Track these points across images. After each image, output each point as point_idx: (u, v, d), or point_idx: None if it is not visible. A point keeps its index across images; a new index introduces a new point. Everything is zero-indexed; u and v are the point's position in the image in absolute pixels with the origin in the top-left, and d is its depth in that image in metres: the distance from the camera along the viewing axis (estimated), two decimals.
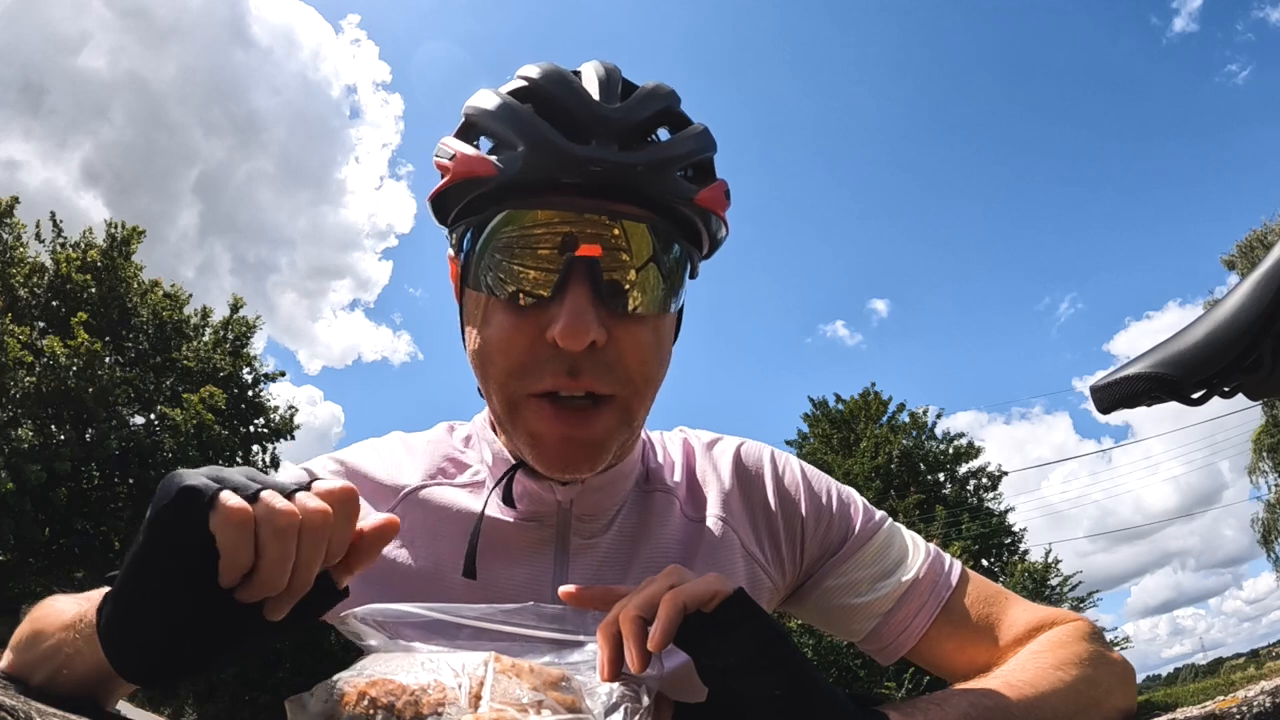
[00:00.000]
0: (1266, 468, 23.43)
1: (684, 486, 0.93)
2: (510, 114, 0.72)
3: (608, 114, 0.72)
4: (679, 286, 0.77)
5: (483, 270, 0.74)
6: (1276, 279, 0.68)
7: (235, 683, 15.19)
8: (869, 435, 24.50)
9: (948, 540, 18.85)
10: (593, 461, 0.77)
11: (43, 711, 0.58)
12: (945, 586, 0.89)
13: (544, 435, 0.75)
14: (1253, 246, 21.83)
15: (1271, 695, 0.63)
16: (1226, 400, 0.73)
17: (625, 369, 0.74)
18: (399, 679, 0.54)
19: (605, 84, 0.75)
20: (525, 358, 0.73)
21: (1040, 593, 17.85)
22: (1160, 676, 62.73)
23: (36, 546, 13.36)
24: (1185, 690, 28.27)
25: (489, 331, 0.74)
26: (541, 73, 0.74)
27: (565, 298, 0.70)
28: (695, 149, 0.76)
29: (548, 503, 0.85)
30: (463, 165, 0.73)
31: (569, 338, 0.69)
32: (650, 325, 0.75)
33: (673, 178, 0.74)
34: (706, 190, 0.76)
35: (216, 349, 16.50)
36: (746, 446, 0.98)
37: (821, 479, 0.97)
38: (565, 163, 0.70)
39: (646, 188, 0.72)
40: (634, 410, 0.77)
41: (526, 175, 0.70)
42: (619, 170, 0.70)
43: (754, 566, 0.91)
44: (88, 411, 14.00)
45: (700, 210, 0.76)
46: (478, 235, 0.74)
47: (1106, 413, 0.75)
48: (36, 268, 14.70)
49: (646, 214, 0.73)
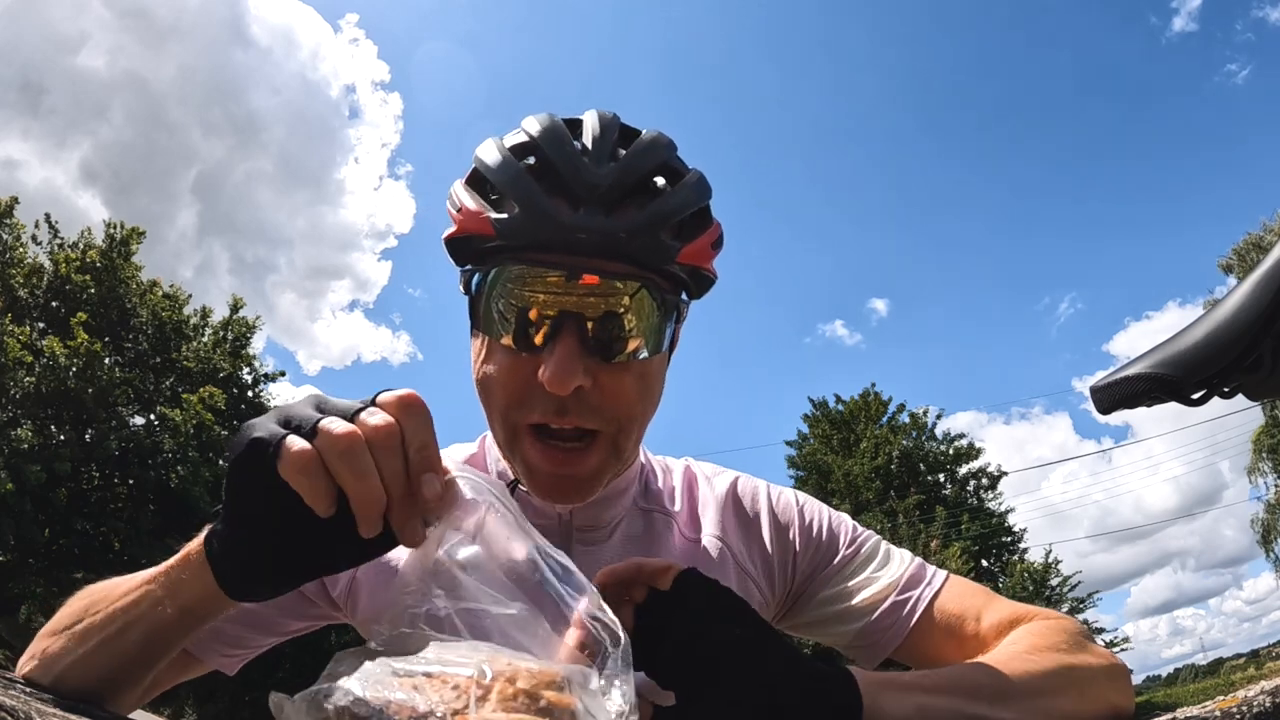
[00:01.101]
0: (1266, 468, 23.45)
1: (684, 512, 1.00)
2: (509, 174, 0.79)
3: (597, 180, 0.77)
4: (661, 335, 0.83)
5: (485, 315, 0.81)
6: (1276, 279, 0.68)
7: (235, 682, 15.18)
8: (869, 436, 24.51)
9: (948, 540, 18.86)
10: (583, 494, 0.85)
11: (43, 711, 0.58)
12: (929, 586, 0.93)
13: (537, 470, 0.83)
14: (1249, 250, 21.84)
15: (1271, 695, 0.63)
16: (1226, 400, 0.73)
17: (611, 410, 0.80)
18: (388, 695, 0.50)
19: (600, 141, 0.80)
20: (520, 393, 0.80)
21: (1040, 593, 17.85)
22: (1160, 677, 62.80)
23: (36, 547, 13.36)
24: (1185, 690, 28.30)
25: (490, 366, 0.82)
26: (540, 129, 0.80)
27: (555, 347, 0.77)
28: (683, 204, 0.80)
29: (549, 515, 0.92)
30: (467, 220, 0.80)
31: (555, 384, 0.76)
32: (634, 370, 0.81)
33: (657, 240, 0.78)
34: (690, 246, 0.80)
35: (216, 349, 16.50)
36: (744, 478, 1.05)
37: (814, 505, 1.03)
38: (555, 229, 0.76)
39: (631, 252, 0.77)
40: (621, 445, 0.84)
41: (520, 237, 0.77)
42: (604, 237, 0.76)
43: (746, 580, 0.97)
44: (87, 412, 14.00)
45: (685, 267, 0.81)
46: (481, 283, 0.81)
47: (1106, 413, 0.75)
48: (36, 268, 14.71)
49: (630, 270, 0.78)
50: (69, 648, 0.74)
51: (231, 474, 0.59)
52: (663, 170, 0.82)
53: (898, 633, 0.91)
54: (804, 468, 25.70)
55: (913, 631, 0.91)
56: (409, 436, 0.59)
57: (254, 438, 0.58)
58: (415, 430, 0.59)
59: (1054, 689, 0.76)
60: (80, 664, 0.73)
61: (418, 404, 0.60)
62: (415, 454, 0.59)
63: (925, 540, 17.37)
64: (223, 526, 0.64)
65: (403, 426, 0.59)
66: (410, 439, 0.59)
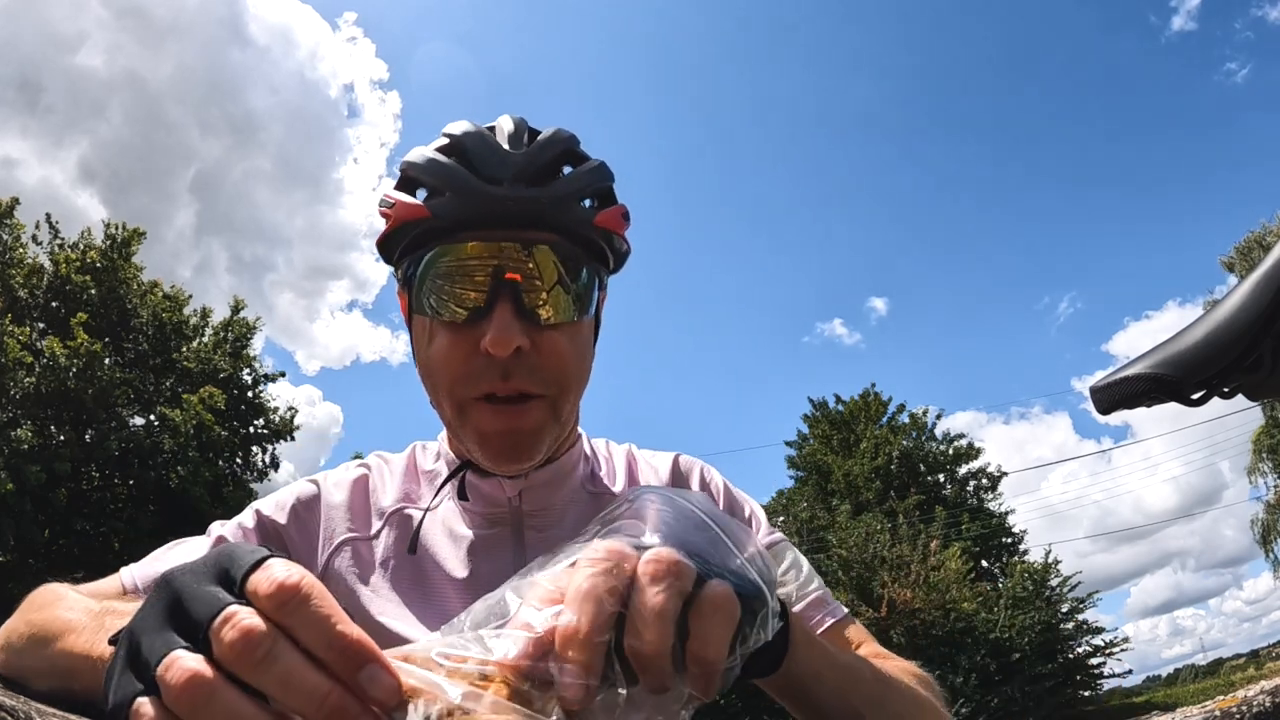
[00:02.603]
0: (1266, 468, 23.47)
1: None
2: (438, 166, 0.87)
3: (516, 160, 0.86)
4: (589, 299, 0.91)
5: (425, 296, 0.87)
6: (1276, 279, 0.68)
7: None
8: (869, 436, 24.52)
9: (947, 541, 18.84)
10: (530, 452, 0.90)
11: (42, 711, 0.58)
12: (833, 613, 1.00)
13: (486, 431, 0.88)
14: (1251, 248, 21.86)
15: (1271, 695, 0.63)
16: (1226, 401, 0.73)
17: (548, 371, 0.87)
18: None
19: (514, 135, 0.89)
20: (465, 367, 0.86)
21: (1040, 593, 17.81)
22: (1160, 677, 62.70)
23: (36, 547, 13.38)
24: (1185, 690, 28.28)
25: (434, 348, 0.88)
26: (462, 131, 0.89)
27: (493, 314, 0.83)
28: (592, 181, 0.90)
29: (499, 501, 0.97)
30: (402, 211, 0.87)
31: (497, 345, 0.82)
32: (566, 334, 0.88)
33: (574, 206, 0.87)
34: (604, 213, 0.89)
35: (216, 350, 16.52)
36: (683, 457, 1.12)
37: (739, 492, 1.11)
38: (484, 202, 0.84)
39: (552, 216, 0.86)
40: (560, 407, 0.90)
41: (453, 215, 0.85)
42: (529, 203, 0.84)
43: None
44: (87, 412, 14.02)
45: (601, 231, 0.89)
46: (419, 268, 0.87)
47: (1106, 413, 0.75)
48: (36, 268, 14.72)
49: (555, 238, 0.86)
50: (24, 674, 0.73)
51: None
52: (570, 155, 0.90)
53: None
54: (804, 468, 25.74)
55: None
56: (301, 637, 0.43)
57: (112, 706, 0.44)
58: (305, 625, 0.43)
59: (924, 703, 0.84)
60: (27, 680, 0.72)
61: (296, 590, 0.44)
62: (325, 654, 0.43)
63: (925, 540, 17.33)
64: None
65: (284, 627, 0.43)
66: (304, 638, 0.43)
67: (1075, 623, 17.87)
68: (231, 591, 0.45)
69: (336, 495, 0.99)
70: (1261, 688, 0.65)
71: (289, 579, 0.44)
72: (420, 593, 0.93)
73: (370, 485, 1.01)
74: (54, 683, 0.70)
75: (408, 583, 0.93)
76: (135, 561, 0.92)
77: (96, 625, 0.66)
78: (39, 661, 0.72)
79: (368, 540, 0.96)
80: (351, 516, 0.97)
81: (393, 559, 0.95)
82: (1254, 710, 0.64)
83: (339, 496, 0.98)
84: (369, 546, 0.95)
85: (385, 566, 0.94)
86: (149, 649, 0.44)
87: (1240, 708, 0.64)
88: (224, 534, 0.93)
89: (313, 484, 1.00)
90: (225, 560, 0.47)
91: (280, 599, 0.43)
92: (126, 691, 0.44)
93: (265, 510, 0.96)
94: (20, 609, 0.78)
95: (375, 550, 0.95)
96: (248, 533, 0.94)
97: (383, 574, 0.94)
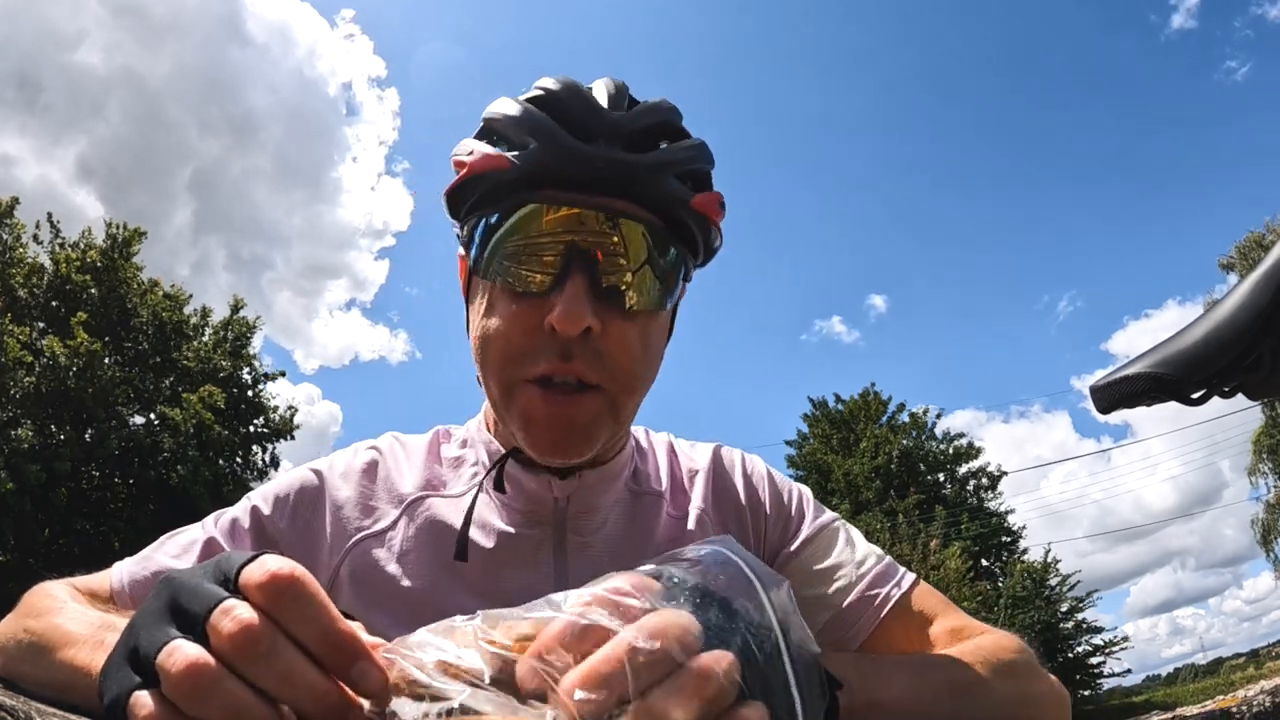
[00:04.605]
0: (1266, 468, 23.43)
1: (669, 489, 0.99)
2: (526, 117, 0.79)
3: (614, 119, 0.78)
4: (673, 288, 0.83)
5: (493, 259, 0.79)
6: (1276, 279, 0.68)
7: None
8: (869, 435, 24.50)
9: (947, 540, 18.84)
10: (580, 445, 0.81)
11: (43, 711, 0.58)
12: (898, 584, 0.93)
13: (535, 416, 0.79)
14: (1251, 248, 21.83)
15: (1271, 695, 0.63)
16: (1226, 400, 0.73)
17: (614, 360, 0.79)
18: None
19: (614, 96, 0.81)
20: (523, 343, 0.78)
21: (1039, 592, 17.83)
22: (1160, 676, 62.75)
23: (36, 546, 13.37)
24: (1185, 690, 28.28)
25: (492, 318, 0.80)
26: (557, 83, 0.81)
27: (564, 288, 0.76)
28: (693, 157, 0.82)
29: (544, 501, 0.88)
30: (480, 160, 0.79)
31: (565, 322, 0.75)
32: (641, 324, 0.80)
33: (671, 181, 0.79)
34: (702, 196, 0.81)
35: (216, 349, 16.50)
36: (723, 448, 1.06)
37: (783, 478, 1.04)
38: (573, 158, 0.76)
39: (645, 187, 0.78)
40: (620, 404, 0.82)
41: (536, 170, 0.77)
42: (622, 167, 0.77)
43: None
44: (87, 411, 14.01)
45: (696, 215, 0.81)
46: (491, 226, 0.79)
47: (1106, 413, 0.75)
48: (36, 268, 14.70)
49: (644, 214, 0.79)
50: (22, 680, 0.71)
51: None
52: (669, 129, 0.83)
53: (866, 627, 0.90)
54: (804, 467, 25.69)
55: (880, 627, 0.90)
56: (295, 630, 0.44)
57: (109, 701, 0.45)
58: (299, 619, 0.44)
59: (1012, 700, 0.78)
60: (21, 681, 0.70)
61: (290, 583, 0.45)
62: (317, 649, 0.44)
63: (925, 540, 17.34)
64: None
65: (278, 620, 0.44)
66: (297, 632, 0.44)
67: (1075, 622, 17.90)
68: (227, 588, 0.46)
69: (343, 489, 0.90)
70: (1261, 688, 0.65)
71: (281, 570, 0.45)
72: (445, 589, 0.84)
73: (383, 470, 0.93)
74: (51, 693, 0.68)
75: (429, 579, 0.85)
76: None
77: (96, 640, 0.67)
78: (36, 670, 0.71)
79: (382, 534, 0.87)
80: (362, 510, 0.89)
81: (413, 551, 0.86)
82: (1254, 710, 0.64)
83: (346, 491, 0.90)
84: (384, 540, 0.87)
85: (404, 561, 0.86)
86: (147, 641, 0.45)
87: (1240, 708, 0.64)
88: (216, 535, 0.87)
89: (315, 475, 0.92)
90: (223, 561, 0.48)
91: (274, 589, 0.45)
92: (124, 685, 0.45)
93: (263, 509, 0.89)
94: (16, 611, 0.77)
95: (393, 543, 0.87)
96: (243, 534, 0.87)
97: (401, 569, 0.85)
